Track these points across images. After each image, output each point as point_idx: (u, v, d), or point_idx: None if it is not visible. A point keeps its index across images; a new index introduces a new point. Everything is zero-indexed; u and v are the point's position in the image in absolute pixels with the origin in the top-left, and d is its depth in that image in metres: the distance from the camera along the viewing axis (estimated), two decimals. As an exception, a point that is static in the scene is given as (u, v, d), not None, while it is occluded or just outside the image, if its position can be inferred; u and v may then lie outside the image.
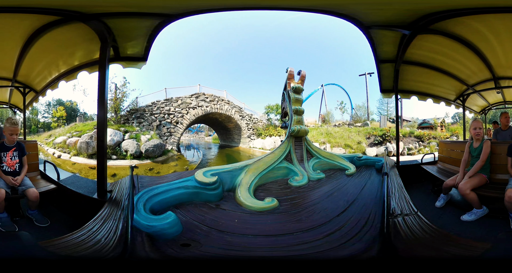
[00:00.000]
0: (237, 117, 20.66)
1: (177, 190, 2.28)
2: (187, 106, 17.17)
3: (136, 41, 2.96)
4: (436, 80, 4.26)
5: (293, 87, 4.07)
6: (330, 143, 14.63)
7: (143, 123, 15.43)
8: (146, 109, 15.90)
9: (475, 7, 2.28)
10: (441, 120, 22.87)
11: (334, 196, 2.63)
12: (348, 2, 2.45)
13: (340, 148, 14.14)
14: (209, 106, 18.31)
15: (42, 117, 30.12)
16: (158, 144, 12.49)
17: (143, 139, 12.64)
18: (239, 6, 2.58)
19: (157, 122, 15.78)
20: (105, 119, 2.74)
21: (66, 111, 28.13)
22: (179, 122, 16.56)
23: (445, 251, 1.39)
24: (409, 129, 18.16)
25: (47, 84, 4.05)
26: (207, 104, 18.24)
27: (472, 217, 2.53)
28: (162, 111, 16.25)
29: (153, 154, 12.07)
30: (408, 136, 15.75)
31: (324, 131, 16.72)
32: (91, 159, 10.29)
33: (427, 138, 15.74)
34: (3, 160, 2.61)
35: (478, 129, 2.87)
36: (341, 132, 16.18)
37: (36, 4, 2.22)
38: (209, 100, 18.50)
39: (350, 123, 21.93)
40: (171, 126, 16.11)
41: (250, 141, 21.04)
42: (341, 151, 13.79)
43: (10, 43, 2.91)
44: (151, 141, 12.43)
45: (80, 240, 1.52)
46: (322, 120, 26.90)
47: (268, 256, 1.56)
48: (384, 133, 15.27)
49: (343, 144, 14.45)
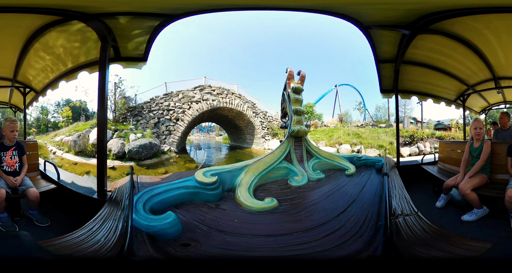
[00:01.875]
0: (250, 113, 17.95)
1: (177, 190, 2.28)
2: (189, 100, 14.93)
3: (137, 41, 2.96)
4: (436, 80, 4.26)
5: (293, 87, 4.07)
6: (363, 144, 14.39)
7: (140, 121, 14.16)
8: (144, 106, 14.53)
9: (475, 7, 2.28)
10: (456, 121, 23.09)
11: (334, 196, 2.63)
12: (348, 2, 2.45)
13: (374, 149, 13.90)
14: (216, 100, 15.71)
15: (52, 117, 30.46)
16: (147, 144, 10.85)
17: (131, 138, 11.43)
18: (240, 6, 2.58)
19: (156, 119, 14.20)
20: (105, 119, 2.75)
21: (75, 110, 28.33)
22: (180, 118, 14.53)
23: (446, 251, 1.38)
24: (429, 130, 18.76)
25: (47, 84, 4.06)
26: (214, 98, 15.66)
27: (472, 217, 2.53)
28: (161, 107, 14.51)
29: (138, 155, 10.53)
30: (430, 137, 16.61)
31: (351, 131, 16.41)
32: (77, 156, 11.00)
33: (448, 139, 16.41)
34: (3, 160, 2.61)
35: (479, 129, 2.87)
36: (367, 133, 16.11)
37: (36, 4, 2.23)
38: (216, 93, 15.90)
39: (373, 124, 21.82)
40: (170, 124, 14.32)
41: (265, 142, 18.60)
42: (376, 152, 13.64)
43: (11, 43, 2.91)
44: (137, 141, 10.92)
45: (80, 240, 1.52)
46: (339, 120, 26.33)
47: (268, 256, 1.56)
48: (412, 134, 15.89)
49: (376, 145, 14.28)
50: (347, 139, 15.07)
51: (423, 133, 16.54)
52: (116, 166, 9.82)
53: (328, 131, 17.48)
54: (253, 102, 18.81)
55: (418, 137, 15.72)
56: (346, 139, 15.16)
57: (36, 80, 4.09)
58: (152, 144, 11.22)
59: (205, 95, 15.48)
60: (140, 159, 10.62)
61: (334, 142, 15.03)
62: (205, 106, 15.27)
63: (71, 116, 27.35)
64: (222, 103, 15.97)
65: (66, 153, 11.66)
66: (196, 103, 15.13)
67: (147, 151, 10.77)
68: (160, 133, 14.16)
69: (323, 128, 18.86)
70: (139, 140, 11.04)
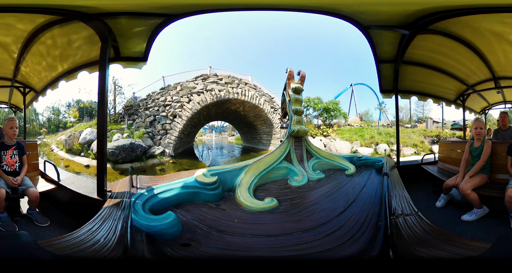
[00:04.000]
0: (268, 108, 15.13)
1: (177, 190, 2.28)
2: (189, 92, 12.41)
3: (137, 41, 2.96)
4: (436, 80, 4.26)
5: (293, 87, 4.07)
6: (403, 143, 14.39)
7: (136, 120, 12.77)
8: (140, 104, 13.10)
9: (475, 6, 2.27)
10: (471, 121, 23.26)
11: (334, 196, 2.63)
12: (347, 2, 2.45)
13: (410, 148, 14.06)
14: (223, 90, 12.86)
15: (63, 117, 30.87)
16: (126, 145, 9.40)
17: (114, 138, 10.68)
18: (240, 6, 2.57)
19: (152, 117, 12.40)
20: (105, 119, 2.74)
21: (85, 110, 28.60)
22: (177, 115, 12.09)
23: (446, 251, 1.38)
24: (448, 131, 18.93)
25: (47, 84, 4.05)
26: (221, 88, 12.85)
27: (472, 217, 2.53)
28: (157, 103, 12.60)
29: (113, 157, 9.26)
30: (451, 136, 16.94)
31: (383, 131, 16.40)
32: (66, 153, 11.61)
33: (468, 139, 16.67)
34: (3, 159, 2.61)
35: (479, 129, 2.87)
36: (393, 133, 16.09)
37: (37, 3, 2.22)
38: (225, 83, 13.13)
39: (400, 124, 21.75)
40: (167, 121, 12.10)
41: None
42: (411, 150, 13.75)
43: (11, 42, 2.91)
44: (116, 141, 9.81)
45: (80, 240, 1.52)
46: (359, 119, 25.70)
47: (268, 256, 1.56)
48: (437, 134, 16.23)
49: (411, 144, 14.50)
50: (381, 139, 14.96)
51: (446, 133, 16.82)
52: (92, 166, 9.57)
53: (356, 130, 17.13)
54: (271, 95, 15.85)
55: (443, 137, 16.05)
56: (380, 138, 15.03)
57: (36, 80, 4.08)
58: (135, 145, 9.67)
59: (210, 85, 12.63)
60: (116, 161, 9.34)
61: (369, 142, 14.85)
62: (208, 97, 12.30)
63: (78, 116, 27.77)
64: (233, 94, 12.89)
65: (60, 150, 12.36)
66: (197, 94, 12.33)
67: (126, 153, 9.31)
68: (155, 132, 12.24)
69: (348, 128, 18.26)
70: (118, 141, 9.85)
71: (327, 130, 16.51)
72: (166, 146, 11.84)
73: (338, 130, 17.39)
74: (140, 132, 11.76)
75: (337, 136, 16.14)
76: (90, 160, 10.07)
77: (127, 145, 9.50)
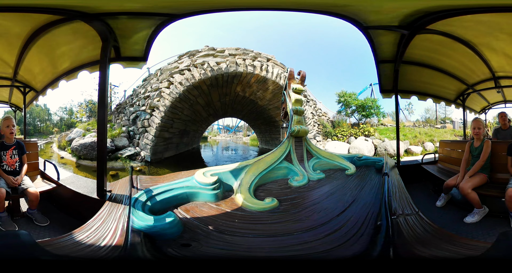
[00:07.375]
0: None
1: (177, 190, 2.28)
2: (170, 75, 9.51)
3: (137, 41, 2.95)
4: (436, 80, 4.26)
5: (294, 87, 4.07)
6: None
7: (122, 118, 11.51)
8: (127, 101, 11.88)
9: (474, 6, 2.27)
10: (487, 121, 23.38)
11: (334, 196, 2.63)
12: (347, 2, 2.45)
13: None
14: (223, 63, 9.29)
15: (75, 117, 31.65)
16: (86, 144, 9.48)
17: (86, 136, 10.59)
18: (240, 6, 2.57)
19: (134, 114, 10.58)
20: (105, 119, 2.74)
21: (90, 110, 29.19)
22: (156, 106, 9.49)
23: (446, 250, 1.38)
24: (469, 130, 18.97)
25: (47, 84, 4.05)
26: (220, 60, 9.39)
27: (475, 218, 2.52)
28: (139, 97, 10.82)
29: (76, 153, 9.81)
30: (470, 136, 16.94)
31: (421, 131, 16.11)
32: (58, 149, 12.50)
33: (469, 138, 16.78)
34: (3, 159, 2.61)
35: (477, 129, 2.87)
36: (430, 132, 15.93)
37: (38, 3, 2.22)
38: (228, 54, 9.80)
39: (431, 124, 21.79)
40: (146, 117, 9.78)
41: (316, 144, 11.98)
42: None
43: (11, 42, 2.91)
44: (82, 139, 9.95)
45: (79, 240, 1.51)
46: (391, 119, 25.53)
47: (268, 256, 1.56)
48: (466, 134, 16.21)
49: None
50: (424, 138, 14.65)
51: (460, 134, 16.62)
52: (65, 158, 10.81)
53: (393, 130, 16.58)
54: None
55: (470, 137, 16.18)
56: (423, 138, 14.65)
57: (36, 80, 4.08)
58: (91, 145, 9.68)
59: (199, 59, 9.29)
60: (79, 157, 9.79)
61: (418, 140, 14.46)
62: (196, 74, 8.78)
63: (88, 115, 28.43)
64: (242, 66, 9.17)
65: (57, 148, 13.54)
66: (180, 73, 9.17)
67: (86, 151, 9.62)
68: (136, 131, 10.21)
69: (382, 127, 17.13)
70: (83, 138, 10.23)
71: (368, 129, 14.21)
72: (143, 148, 9.63)
73: (374, 128, 15.69)
74: (117, 131, 10.57)
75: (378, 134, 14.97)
76: (67, 153, 11.28)
77: (87, 143, 9.82)
